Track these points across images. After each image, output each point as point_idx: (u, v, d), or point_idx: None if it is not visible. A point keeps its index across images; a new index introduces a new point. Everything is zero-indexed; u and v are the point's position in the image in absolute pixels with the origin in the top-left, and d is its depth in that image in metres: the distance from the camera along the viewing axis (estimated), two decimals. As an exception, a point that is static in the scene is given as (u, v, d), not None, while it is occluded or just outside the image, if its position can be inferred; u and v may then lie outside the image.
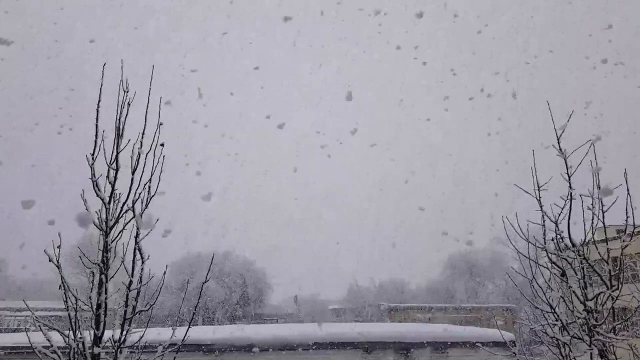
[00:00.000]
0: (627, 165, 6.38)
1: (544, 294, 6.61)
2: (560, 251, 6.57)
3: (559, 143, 6.78)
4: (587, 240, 6.39)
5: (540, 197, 6.84)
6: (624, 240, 6.30)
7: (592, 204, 6.32)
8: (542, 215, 6.75)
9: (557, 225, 6.60)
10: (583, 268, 6.36)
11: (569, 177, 6.60)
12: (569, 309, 6.43)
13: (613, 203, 6.20)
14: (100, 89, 5.75)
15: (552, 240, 6.71)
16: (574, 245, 6.48)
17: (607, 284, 6.27)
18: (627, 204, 6.14)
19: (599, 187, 6.33)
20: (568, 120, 6.88)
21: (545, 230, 6.74)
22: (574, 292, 6.36)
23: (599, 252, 6.42)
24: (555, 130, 6.84)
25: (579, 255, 6.38)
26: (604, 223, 6.27)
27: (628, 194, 6.15)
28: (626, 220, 6.11)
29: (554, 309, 6.49)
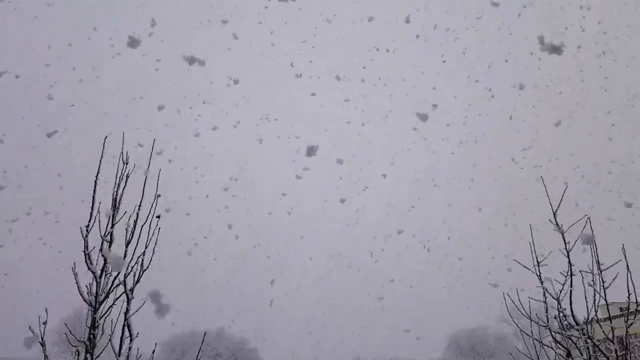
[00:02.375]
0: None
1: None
2: (564, 329, 6.37)
3: (555, 218, 6.78)
4: (590, 318, 6.21)
5: (540, 273, 6.74)
6: (627, 319, 6.13)
7: (593, 280, 6.21)
8: (544, 292, 6.61)
9: (559, 302, 6.44)
10: (588, 348, 6.13)
11: (568, 253, 6.53)
12: (577, 392, 6.12)
13: (614, 279, 6.10)
14: (100, 161, 5.82)
15: (555, 318, 6.53)
16: (577, 323, 6.29)
17: (614, 365, 6.02)
18: (627, 280, 6.04)
19: (599, 263, 6.25)
20: (562, 195, 6.93)
21: (547, 308, 6.57)
22: (581, 374, 6.09)
23: (603, 331, 6.22)
24: (551, 204, 6.87)
25: (584, 335, 6.17)
26: (606, 300, 6.13)
27: (628, 270, 6.06)
28: (628, 298, 5.98)
29: (562, 393, 6.18)
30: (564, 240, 6.57)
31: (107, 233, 5.55)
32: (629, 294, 5.98)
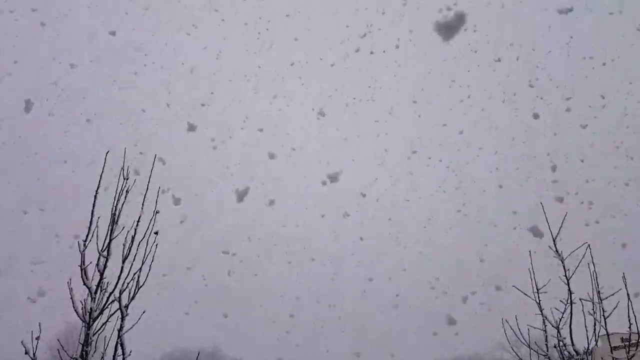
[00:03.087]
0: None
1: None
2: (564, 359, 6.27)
3: (555, 245, 6.73)
4: (590, 348, 6.12)
5: (539, 300, 6.67)
6: (629, 351, 6.04)
7: (593, 309, 6.14)
8: (543, 320, 6.53)
9: (558, 331, 6.36)
10: (589, 379, 6.04)
11: (568, 281, 6.47)
12: None
13: (614, 308, 6.03)
14: (101, 176, 5.81)
15: (555, 347, 6.43)
16: (577, 353, 6.20)
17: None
18: (628, 310, 5.97)
19: (599, 292, 6.19)
20: (562, 223, 6.89)
21: (547, 336, 6.49)
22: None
23: (604, 362, 6.13)
24: (551, 231, 6.83)
25: (584, 365, 6.08)
26: (607, 330, 6.05)
27: (629, 299, 6.00)
28: (629, 328, 5.90)
29: None
30: (564, 268, 6.52)
31: (104, 248, 5.51)
32: (630, 324, 5.90)
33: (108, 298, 5.37)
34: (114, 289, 5.40)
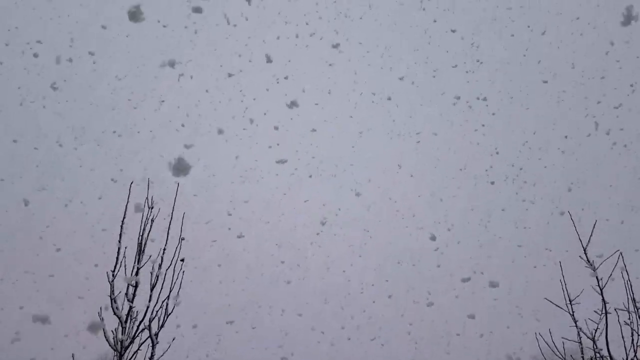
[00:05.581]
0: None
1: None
2: (602, 372, 6.09)
3: (585, 254, 6.59)
4: (630, 359, 5.93)
5: (573, 312, 6.52)
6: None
7: (630, 319, 5.97)
8: (578, 332, 6.37)
9: (594, 343, 6.19)
10: (629, 391, 5.84)
11: (602, 290, 6.32)
12: None
13: (652, 317, 5.85)
14: (126, 207, 5.95)
15: (592, 359, 6.26)
16: (616, 364, 6.02)
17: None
18: (666, 317, 5.79)
19: (635, 300, 6.02)
20: (592, 230, 6.76)
21: (582, 348, 6.32)
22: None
23: (644, 373, 5.93)
24: (581, 240, 6.70)
25: (623, 376, 5.89)
26: (645, 339, 5.87)
27: (666, 306, 5.83)
28: (669, 336, 5.71)
29: None
30: (597, 277, 6.38)
31: (132, 278, 5.61)
32: (669, 333, 5.71)
33: (138, 327, 5.46)
34: (143, 318, 5.49)
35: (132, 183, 6.23)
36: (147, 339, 5.46)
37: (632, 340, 5.92)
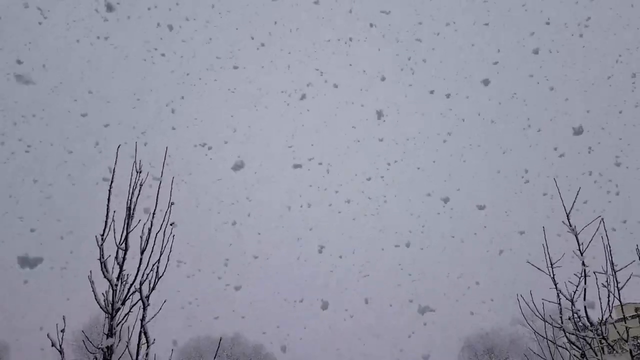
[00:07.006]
0: None
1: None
2: (579, 331, 6.34)
3: (568, 219, 6.74)
4: (605, 319, 6.17)
5: (554, 275, 6.71)
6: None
7: (607, 281, 6.18)
8: (557, 294, 6.58)
9: (573, 304, 6.41)
10: (603, 348, 6.10)
11: (582, 254, 6.50)
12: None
13: (628, 280, 6.06)
14: (114, 170, 5.91)
15: (570, 319, 6.50)
16: (591, 324, 6.26)
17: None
18: (643, 280, 6.00)
19: (612, 264, 6.22)
20: (576, 197, 6.90)
21: (561, 309, 6.54)
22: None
23: (617, 332, 6.18)
24: (564, 206, 6.84)
25: (598, 335, 6.14)
26: (620, 301, 6.10)
27: (642, 269, 6.03)
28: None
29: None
30: (578, 242, 6.55)
31: (122, 241, 5.65)
32: (644, 294, 5.93)
33: (129, 289, 5.52)
34: (134, 281, 5.55)
35: (119, 146, 6.15)
36: (138, 301, 5.53)
37: (608, 301, 6.14)
